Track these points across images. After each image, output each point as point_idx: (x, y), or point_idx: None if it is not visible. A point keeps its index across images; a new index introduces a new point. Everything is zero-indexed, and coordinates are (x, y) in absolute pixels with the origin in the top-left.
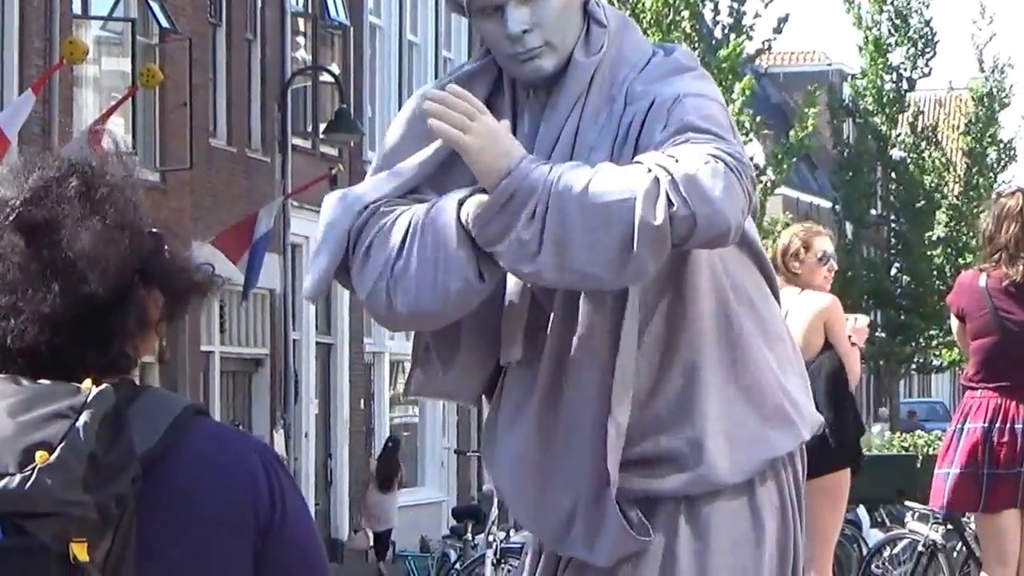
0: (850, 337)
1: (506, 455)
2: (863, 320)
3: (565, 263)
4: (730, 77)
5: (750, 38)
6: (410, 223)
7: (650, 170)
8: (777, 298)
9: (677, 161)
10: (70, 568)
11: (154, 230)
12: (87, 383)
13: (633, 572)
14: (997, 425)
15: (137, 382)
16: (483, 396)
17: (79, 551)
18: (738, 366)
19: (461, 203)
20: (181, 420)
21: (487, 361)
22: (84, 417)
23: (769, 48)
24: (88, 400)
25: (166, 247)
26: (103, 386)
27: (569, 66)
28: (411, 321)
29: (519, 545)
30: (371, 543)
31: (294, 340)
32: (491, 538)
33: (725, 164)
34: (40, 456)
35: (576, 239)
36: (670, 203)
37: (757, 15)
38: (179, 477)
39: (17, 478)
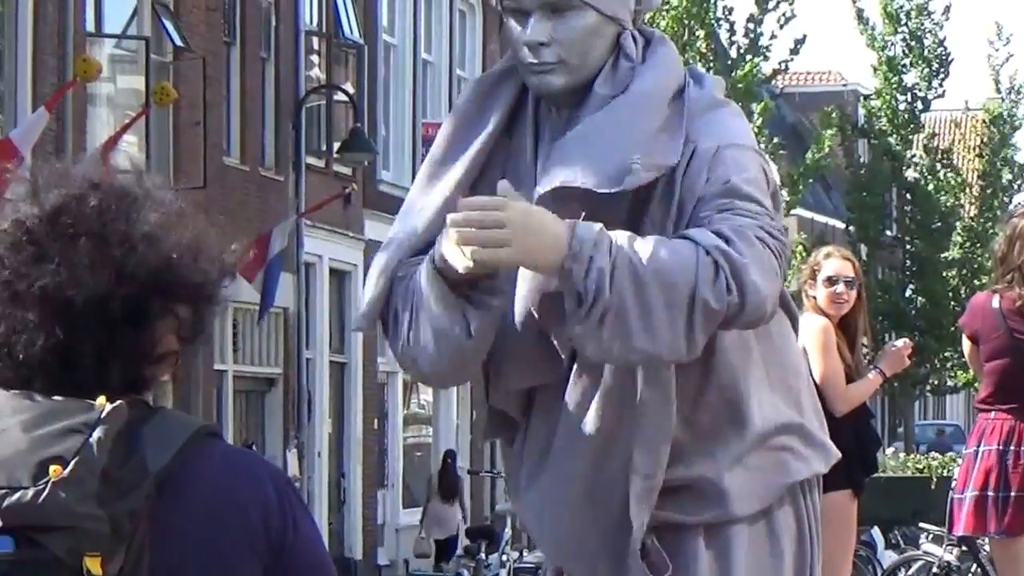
0: (872, 359)
1: (533, 492)
2: (899, 344)
3: (629, 344)
4: (747, 98)
5: (766, 59)
6: (411, 288)
7: (708, 252)
8: (796, 330)
9: (729, 242)
10: None
11: (174, 254)
12: (101, 400)
13: None
14: (1012, 448)
15: (151, 403)
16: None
17: (93, 565)
18: (755, 399)
19: (433, 259)
20: (194, 441)
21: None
22: (98, 433)
23: (785, 69)
24: (102, 416)
25: (189, 266)
26: (117, 403)
27: (589, 98)
28: (438, 380)
29: (532, 565)
30: (433, 550)
31: (307, 359)
32: (504, 558)
33: (771, 250)
34: (54, 470)
35: (638, 321)
36: (728, 290)
37: (773, 36)
38: (192, 497)
39: (31, 491)
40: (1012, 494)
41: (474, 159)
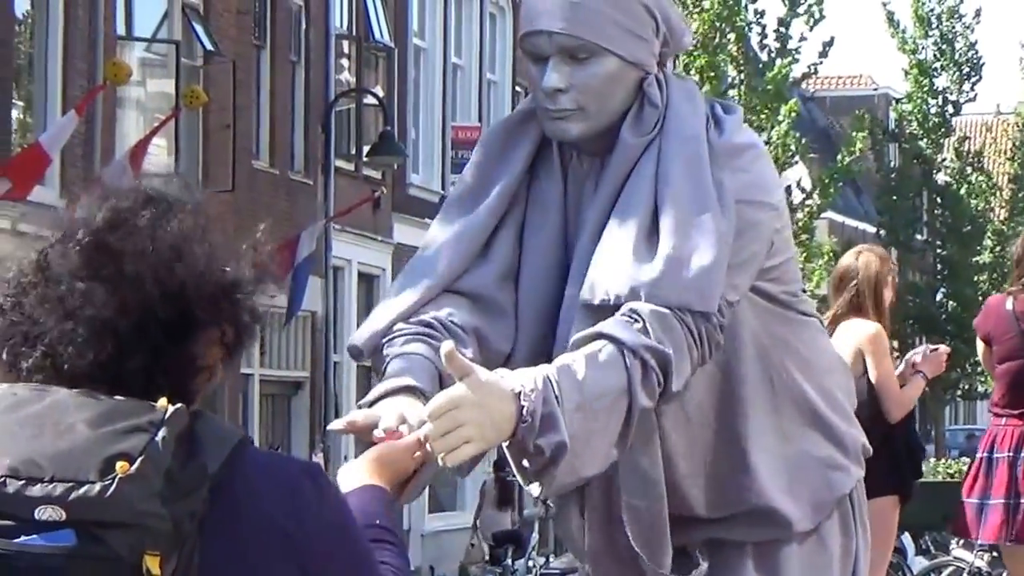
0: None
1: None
2: (940, 348)
3: (577, 474)
4: (776, 101)
5: (796, 61)
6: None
7: (635, 353)
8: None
9: (649, 333)
10: None
11: (225, 268)
12: (162, 402)
13: None
14: (1022, 455)
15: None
16: None
17: (152, 564)
18: (788, 418)
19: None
20: (239, 448)
21: None
22: (163, 432)
23: (815, 72)
24: (166, 417)
25: (237, 281)
26: (178, 405)
27: (617, 145)
28: None
29: (559, 571)
30: (487, 555)
31: (335, 363)
32: (531, 563)
33: (690, 331)
34: (121, 466)
35: (585, 450)
36: (658, 383)
37: (803, 37)
38: (237, 503)
39: (97, 486)
40: (1023, 501)
41: (498, 203)
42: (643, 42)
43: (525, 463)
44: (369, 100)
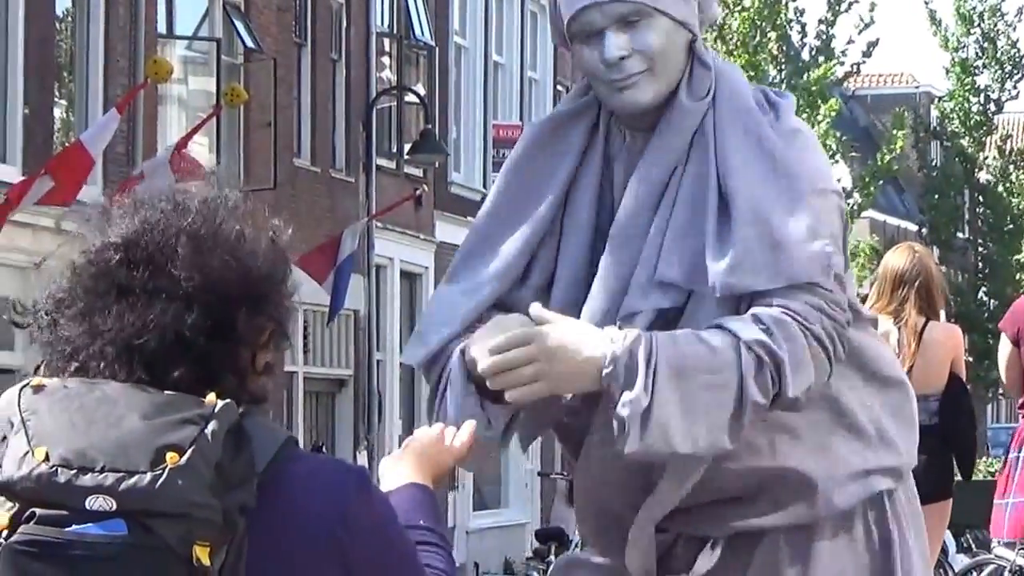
0: None
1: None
2: None
3: (670, 445)
4: (818, 100)
5: (841, 63)
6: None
7: (750, 348)
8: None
9: (770, 334)
10: (192, 571)
11: (257, 263)
12: (211, 397)
13: None
14: None
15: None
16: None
17: (202, 554)
18: (836, 415)
19: (464, 352)
20: (286, 448)
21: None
22: (212, 425)
23: (857, 71)
24: (215, 411)
25: (276, 281)
26: (228, 400)
27: (674, 107)
28: None
29: None
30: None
31: (378, 361)
32: None
33: (812, 338)
34: (171, 457)
35: (681, 425)
36: (772, 383)
37: (850, 40)
38: (283, 503)
39: (148, 476)
40: None
41: (547, 211)
42: (686, 3)
43: (615, 416)
44: (410, 98)
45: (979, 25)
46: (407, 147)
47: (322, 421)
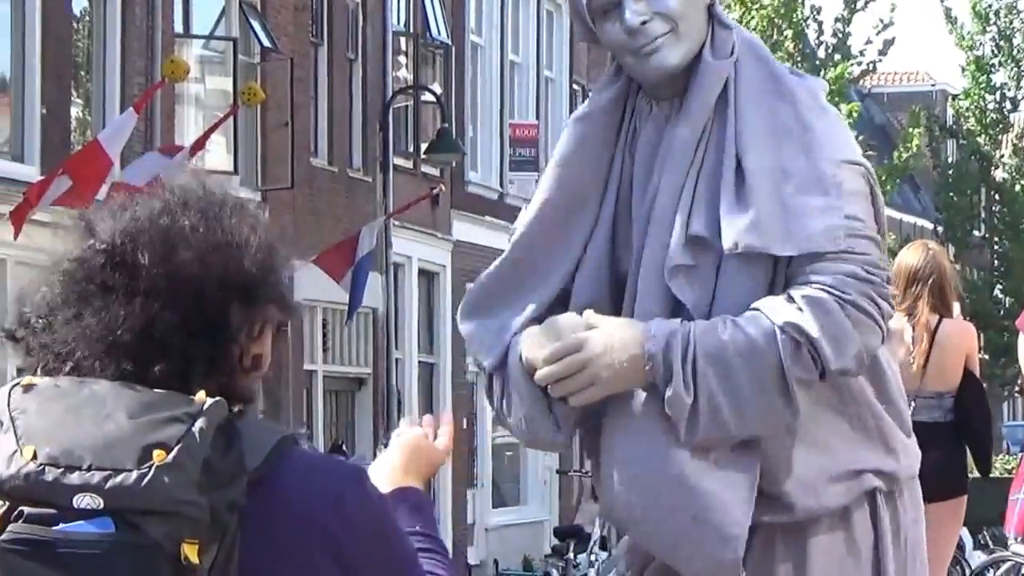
0: None
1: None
2: None
3: (727, 432)
4: (835, 99)
5: (859, 63)
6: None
7: (783, 330)
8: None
9: (803, 313)
10: (180, 569)
11: (253, 257)
12: (200, 395)
13: None
14: None
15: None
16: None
17: (190, 552)
18: (836, 408)
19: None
20: (281, 446)
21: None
22: (200, 423)
23: (873, 70)
24: (204, 408)
25: (269, 272)
26: (217, 398)
27: (700, 67)
28: (531, 447)
29: None
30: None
31: (396, 359)
32: (593, 557)
33: (856, 308)
34: (158, 455)
35: (731, 410)
36: (813, 360)
37: (868, 41)
38: (277, 501)
39: (134, 475)
40: None
41: (598, 196)
42: None
43: (666, 410)
44: (427, 97)
45: (995, 23)
46: (424, 146)
47: (342, 419)
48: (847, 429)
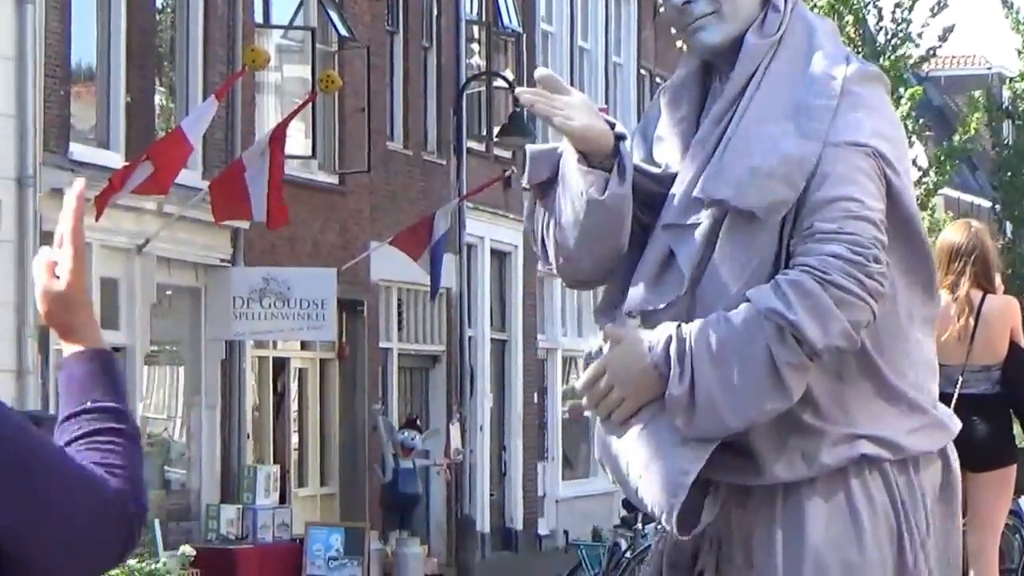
0: None
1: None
2: None
3: (722, 424)
4: (896, 83)
5: (917, 46)
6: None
7: (766, 317)
8: (936, 295)
9: (784, 298)
10: None
11: None
12: None
13: (738, 562)
14: None
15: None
16: None
17: None
18: (858, 373)
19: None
20: None
21: None
22: None
23: (933, 55)
24: None
25: None
26: None
27: (742, 48)
28: (578, 255)
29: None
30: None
31: (469, 337)
32: (659, 526)
33: (837, 287)
34: None
35: (725, 400)
36: (799, 343)
37: (925, 24)
38: None
39: None
40: None
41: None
42: None
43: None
44: (499, 83)
45: None
46: (496, 130)
47: (416, 395)
48: (847, 398)
